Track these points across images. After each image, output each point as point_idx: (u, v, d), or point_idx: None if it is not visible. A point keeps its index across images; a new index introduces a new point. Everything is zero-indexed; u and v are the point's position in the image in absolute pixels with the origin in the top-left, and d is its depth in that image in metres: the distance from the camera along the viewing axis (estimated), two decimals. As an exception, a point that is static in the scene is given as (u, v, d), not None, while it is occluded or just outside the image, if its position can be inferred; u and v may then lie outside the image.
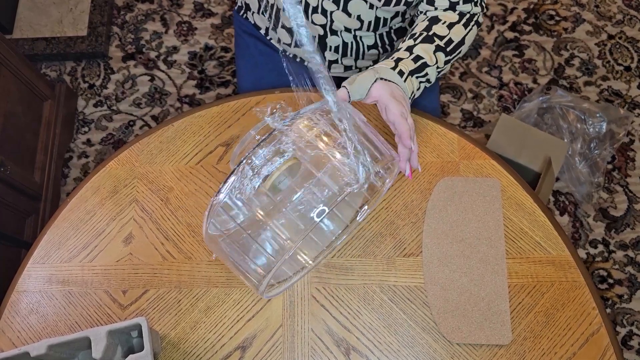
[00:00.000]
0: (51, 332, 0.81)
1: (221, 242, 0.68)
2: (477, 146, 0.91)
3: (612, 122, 1.62)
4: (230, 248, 0.69)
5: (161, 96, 1.74)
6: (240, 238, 0.69)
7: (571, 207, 1.60)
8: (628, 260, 1.55)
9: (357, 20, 0.91)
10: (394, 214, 0.87)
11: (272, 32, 1.00)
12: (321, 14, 0.91)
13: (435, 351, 0.79)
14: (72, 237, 0.86)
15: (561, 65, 1.77)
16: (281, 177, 0.67)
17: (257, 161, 0.64)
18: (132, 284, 0.83)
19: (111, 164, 0.91)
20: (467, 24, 0.85)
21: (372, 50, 0.99)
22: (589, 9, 1.85)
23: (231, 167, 0.73)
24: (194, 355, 0.79)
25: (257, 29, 1.03)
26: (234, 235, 0.69)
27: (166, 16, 1.85)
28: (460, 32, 0.84)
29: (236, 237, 0.69)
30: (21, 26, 1.78)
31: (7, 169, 1.33)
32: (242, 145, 0.71)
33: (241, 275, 0.70)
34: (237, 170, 0.63)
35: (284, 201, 0.70)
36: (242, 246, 0.69)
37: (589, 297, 0.82)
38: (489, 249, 0.84)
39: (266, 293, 0.70)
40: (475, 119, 1.71)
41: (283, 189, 0.69)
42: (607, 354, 0.79)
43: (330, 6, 0.90)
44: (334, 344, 0.80)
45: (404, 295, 0.82)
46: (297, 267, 0.79)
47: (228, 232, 0.68)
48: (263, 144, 0.64)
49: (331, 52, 0.98)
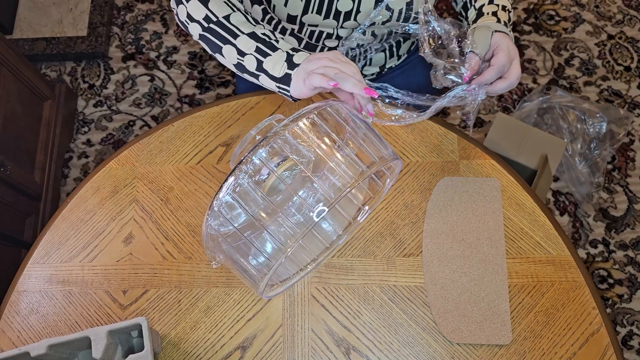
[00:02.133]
0: (51, 332, 0.81)
1: (221, 242, 0.68)
2: (477, 146, 0.91)
3: (612, 122, 1.62)
4: (230, 248, 0.69)
5: (161, 96, 1.74)
6: (240, 238, 0.69)
7: (571, 207, 1.60)
8: (628, 260, 1.55)
9: (371, 36, 0.92)
10: (394, 214, 0.87)
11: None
12: (335, 39, 0.92)
13: (435, 351, 0.79)
14: (72, 237, 0.86)
15: (561, 65, 1.77)
16: (281, 177, 0.67)
17: (257, 161, 0.64)
18: (132, 284, 0.83)
19: (111, 164, 0.91)
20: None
21: (380, 55, 0.99)
22: (589, 9, 1.85)
23: (231, 167, 0.73)
24: (194, 355, 0.79)
25: None
26: (234, 235, 0.69)
27: (166, 16, 1.85)
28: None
29: (236, 238, 0.69)
30: (21, 26, 1.78)
31: (7, 169, 1.33)
32: (242, 145, 0.71)
33: (241, 275, 0.70)
34: (237, 171, 0.63)
35: (283, 201, 0.70)
36: (242, 246, 0.69)
37: (589, 297, 0.82)
38: (489, 249, 0.84)
39: (266, 293, 0.70)
40: (475, 118, 1.71)
41: (282, 189, 0.69)
42: (607, 354, 0.79)
43: (344, 32, 0.90)
44: (334, 344, 0.80)
45: (404, 295, 0.82)
46: (298, 267, 0.79)
47: (228, 233, 0.68)
48: (263, 143, 0.64)
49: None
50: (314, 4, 0.83)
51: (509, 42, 0.80)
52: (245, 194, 0.65)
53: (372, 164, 0.67)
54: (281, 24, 0.97)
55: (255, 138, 0.70)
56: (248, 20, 0.79)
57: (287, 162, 0.66)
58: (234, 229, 0.68)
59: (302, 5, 0.84)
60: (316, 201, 0.65)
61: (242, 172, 0.63)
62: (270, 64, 0.75)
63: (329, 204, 0.61)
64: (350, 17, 0.85)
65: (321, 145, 0.67)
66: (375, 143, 0.70)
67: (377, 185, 0.79)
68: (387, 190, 0.78)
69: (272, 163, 0.66)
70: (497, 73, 0.78)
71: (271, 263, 0.65)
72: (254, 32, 0.77)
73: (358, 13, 0.85)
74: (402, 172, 0.89)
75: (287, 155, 0.67)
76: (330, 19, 0.86)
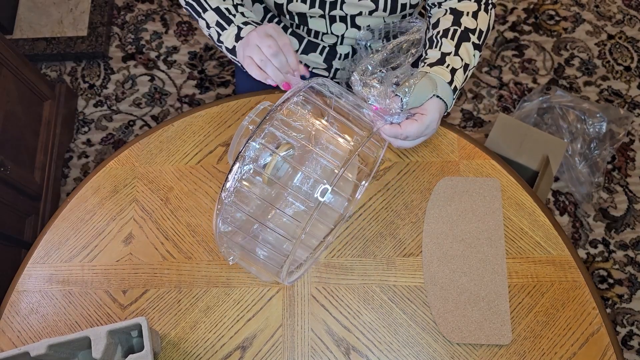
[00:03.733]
0: (51, 332, 0.81)
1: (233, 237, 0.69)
2: (477, 146, 0.91)
3: (612, 122, 1.62)
4: (243, 241, 0.69)
5: (161, 96, 1.74)
6: (251, 231, 0.69)
7: (571, 207, 1.60)
8: (628, 260, 1.55)
9: (369, 32, 0.92)
10: (394, 214, 0.87)
11: None
12: (331, 34, 0.92)
13: (435, 351, 0.79)
14: (72, 237, 0.86)
15: (561, 65, 1.77)
16: (279, 163, 0.67)
17: (254, 152, 0.65)
18: (132, 284, 0.83)
19: (111, 164, 0.91)
20: (486, 9, 0.85)
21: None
22: (589, 9, 1.85)
23: (229, 162, 0.74)
24: (194, 355, 0.79)
25: None
26: (244, 229, 0.69)
27: (166, 16, 1.85)
28: (485, 20, 0.84)
29: (247, 231, 0.69)
30: (21, 26, 1.79)
31: (7, 169, 1.33)
32: (237, 137, 0.71)
33: (258, 267, 0.71)
34: (236, 164, 0.64)
35: (285, 186, 0.70)
36: (253, 238, 0.70)
37: (589, 297, 0.82)
38: (489, 249, 0.84)
39: (287, 279, 0.71)
40: (475, 119, 1.71)
41: (282, 175, 0.69)
42: (607, 354, 0.79)
43: (339, 29, 0.91)
44: (334, 344, 0.80)
45: (404, 295, 0.82)
46: (309, 250, 0.79)
47: (238, 226, 0.68)
48: (257, 132, 0.64)
49: (340, 60, 0.99)
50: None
51: (435, 115, 0.76)
52: (248, 185, 0.66)
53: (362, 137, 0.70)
54: (282, 23, 0.97)
55: (249, 129, 0.70)
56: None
57: (283, 147, 0.67)
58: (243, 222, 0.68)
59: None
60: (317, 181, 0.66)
61: (242, 165, 0.64)
62: (225, 36, 0.85)
63: (330, 181, 0.62)
64: (337, 6, 0.86)
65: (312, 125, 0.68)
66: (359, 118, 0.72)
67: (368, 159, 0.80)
68: (380, 160, 0.79)
69: (268, 151, 0.67)
70: (395, 136, 0.76)
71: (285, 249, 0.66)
72: (218, 6, 0.85)
73: (343, 3, 0.85)
74: (402, 172, 0.89)
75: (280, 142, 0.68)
76: (316, 8, 0.87)
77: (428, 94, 0.76)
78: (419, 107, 0.77)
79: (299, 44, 0.98)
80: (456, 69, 0.79)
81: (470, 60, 0.81)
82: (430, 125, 0.76)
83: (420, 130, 0.76)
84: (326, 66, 1.01)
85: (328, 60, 0.99)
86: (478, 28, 0.83)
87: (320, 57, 0.99)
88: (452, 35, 0.82)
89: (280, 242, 0.70)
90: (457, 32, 0.82)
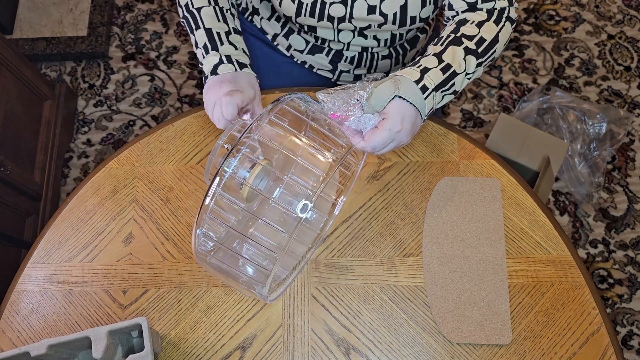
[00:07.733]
0: (51, 332, 0.81)
1: (212, 258, 0.68)
2: (477, 146, 0.91)
3: (612, 123, 1.62)
4: (223, 262, 0.69)
5: (161, 96, 1.74)
6: (231, 249, 0.69)
7: (571, 207, 1.60)
8: (628, 260, 1.55)
9: (374, 40, 0.92)
10: (394, 214, 0.87)
11: (280, 39, 1.00)
12: (338, 42, 0.92)
13: (435, 351, 0.79)
14: (72, 237, 0.86)
15: (561, 65, 1.77)
16: (256, 180, 0.67)
17: (230, 170, 0.64)
18: (132, 284, 0.83)
19: (111, 164, 0.91)
20: (499, 21, 0.80)
21: (385, 61, 0.99)
22: (589, 9, 1.85)
23: (205, 181, 0.73)
24: (194, 355, 0.79)
25: (264, 33, 1.03)
26: (224, 248, 0.68)
27: (166, 16, 1.85)
28: (492, 30, 0.79)
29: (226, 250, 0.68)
30: (21, 26, 1.78)
31: (7, 169, 1.33)
32: (213, 157, 0.70)
33: (240, 287, 0.70)
34: (214, 183, 0.63)
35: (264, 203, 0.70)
36: (233, 258, 0.69)
37: (589, 297, 0.82)
38: (489, 249, 0.84)
39: (269, 297, 0.70)
40: (475, 119, 1.71)
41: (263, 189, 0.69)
42: (607, 353, 0.79)
43: (346, 37, 0.91)
44: (334, 344, 0.80)
45: (404, 295, 0.82)
46: (290, 267, 0.79)
47: (218, 245, 0.68)
48: (233, 151, 0.64)
49: (346, 62, 0.99)
50: (306, 7, 0.84)
51: (397, 118, 0.70)
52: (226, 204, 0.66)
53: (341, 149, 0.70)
54: (288, 24, 0.97)
55: (224, 147, 0.69)
56: (217, 16, 0.84)
57: (260, 165, 0.67)
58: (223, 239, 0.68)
59: (295, 8, 0.84)
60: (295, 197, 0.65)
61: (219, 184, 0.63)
62: (206, 61, 0.82)
63: (310, 197, 0.61)
64: (345, 20, 0.86)
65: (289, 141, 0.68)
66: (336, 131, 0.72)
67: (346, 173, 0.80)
68: (357, 175, 0.78)
69: (244, 170, 0.66)
70: (364, 150, 0.72)
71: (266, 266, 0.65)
72: (210, 28, 0.83)
73: (352, 18, 0.85)
74: (402, 172, 0.89)
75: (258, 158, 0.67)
76: (324, 21, 0.86)
77: (390, 96, 0.71)
78: (383, 111, 0.72)
79: (305, 45, 0.98)
80: (429, 68, 0.74)
81: (457, 64, 0.75)
82: (394, 128, 0.70)
83: (384, 137, 0.70)
84: (331, 67, 1.00)
85: (334, 62, 0.99)
86: (479, 36, 0.78)
87: (327, 58, 0.98)
88: (442, 42, 0.78)
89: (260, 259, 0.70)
90: (449, 37, 0.78)
